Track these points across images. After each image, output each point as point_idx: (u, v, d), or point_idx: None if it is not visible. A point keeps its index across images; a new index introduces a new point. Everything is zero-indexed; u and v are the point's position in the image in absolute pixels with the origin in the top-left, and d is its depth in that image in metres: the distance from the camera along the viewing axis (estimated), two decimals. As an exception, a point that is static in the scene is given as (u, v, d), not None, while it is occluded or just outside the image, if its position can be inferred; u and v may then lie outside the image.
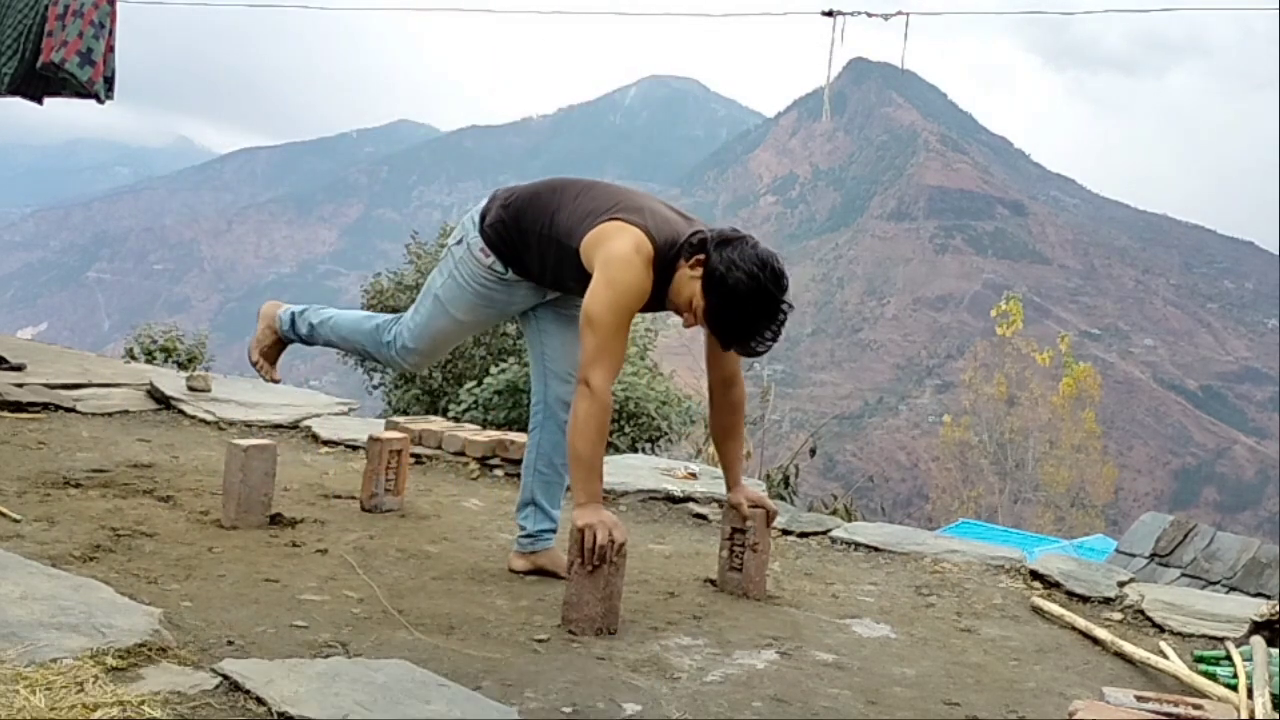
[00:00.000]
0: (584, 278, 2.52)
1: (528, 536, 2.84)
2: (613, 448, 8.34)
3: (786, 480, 8.70)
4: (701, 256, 2.47)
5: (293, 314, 3.10)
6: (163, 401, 4.81)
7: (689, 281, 2.50)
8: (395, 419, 4.75)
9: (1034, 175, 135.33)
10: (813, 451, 11.50)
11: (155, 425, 4.47)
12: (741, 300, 2.43)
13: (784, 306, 2.46)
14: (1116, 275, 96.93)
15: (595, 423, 2.41)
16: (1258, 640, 2.46)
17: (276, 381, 3.16)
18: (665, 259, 2.51)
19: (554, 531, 2.86)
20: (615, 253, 2.47)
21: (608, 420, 2.45)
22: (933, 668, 2.37)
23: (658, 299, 2.56)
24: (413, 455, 4.07)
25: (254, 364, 3.10)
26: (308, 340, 3.10)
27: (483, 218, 2.75)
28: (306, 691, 1.70)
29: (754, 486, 3.36)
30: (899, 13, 7.65)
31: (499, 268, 2.73)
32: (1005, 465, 29.14)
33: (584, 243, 2.53)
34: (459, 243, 2.80)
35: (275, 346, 3.14)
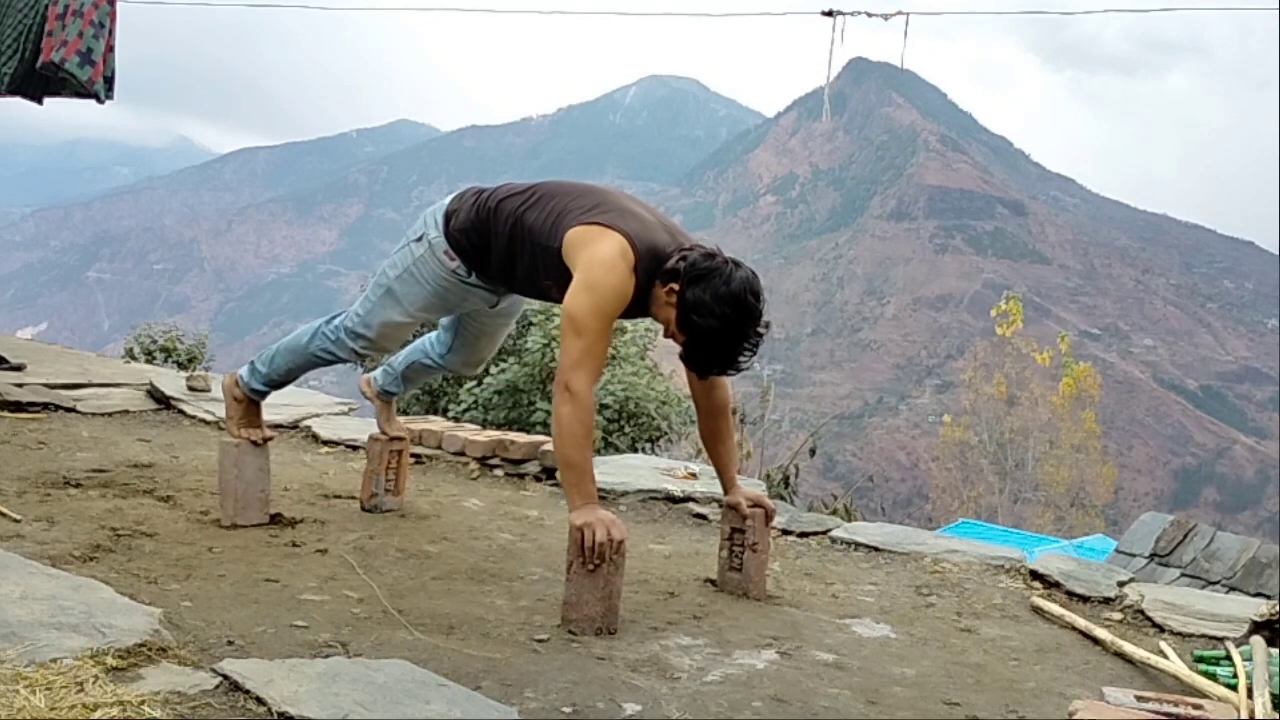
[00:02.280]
0: (563, 279, 2.51)
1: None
2: (613, 448, 8.35)
3: (786, 480, 8.71)
4: (675, 286, 2.46)
5: (250, 364, 3.10)
6: (163, 401, 4.81)
7: (665, 306, 2.51)
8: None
9: (1034, 175, 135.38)
10: (812, 451, 11.52)
11: (155, 425, 4.47)
12: (713, 340, 2.46)
13: (757, 332, 2.47)
14: (1116, 275, 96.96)
15: (580, 426, 2.40)
16: (1258, 640, 2.46)
17: (270, 438, 3.12)
18: (647, 266, 2.50)
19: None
20: (599, 256, 2.45)
21: (592, 422, 2.45)
22: (933, 668, 2.37)
23: (639, 304, 2.55)
24: (413, 455, 4.07)
25: (239, 438, 3.03)
26: (274, 381, 3.07)
27: (448, 219, 2.74)
28: (306, 691, 1.70)
29: (753, 487, 3.36)
30: (899, 13, 7.65)
31: (462, 271, 2.74)
32: (1005, 465, 29.13)
33: (565, 242, 2.51)
34: (419, 240, 2.78)
35: (249, 411, 3.10)
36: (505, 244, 2.65)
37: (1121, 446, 61.84)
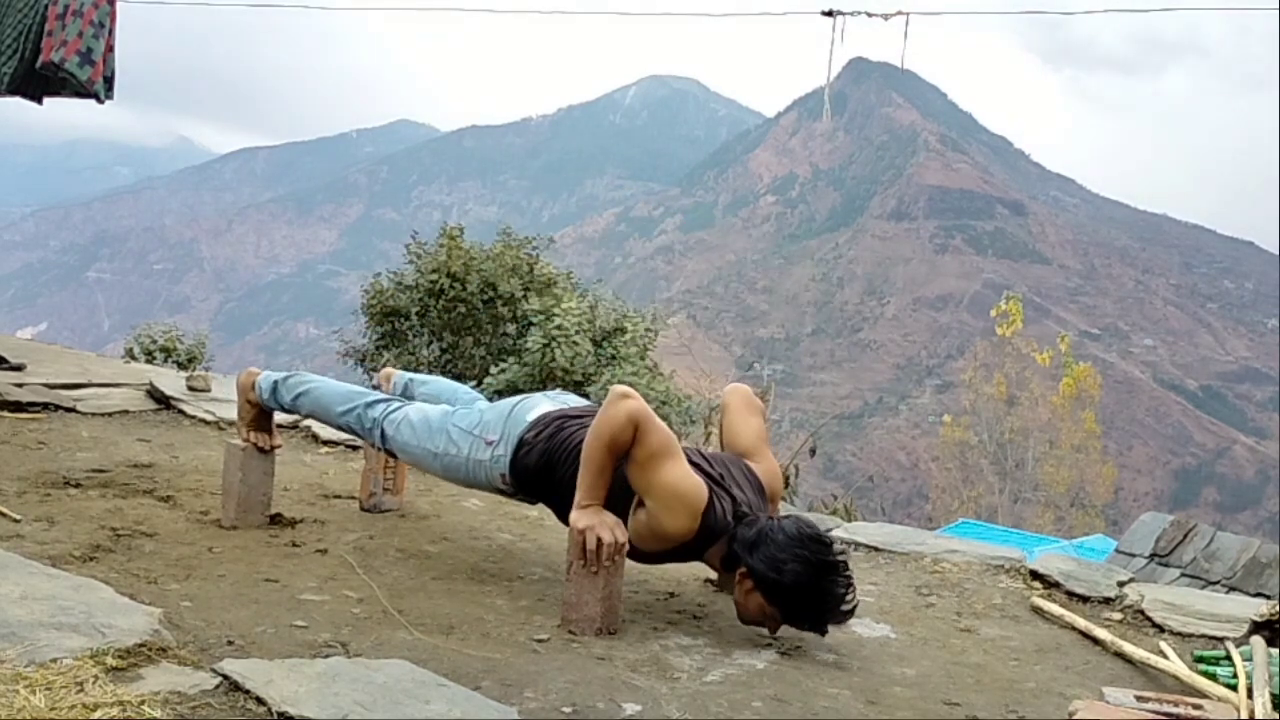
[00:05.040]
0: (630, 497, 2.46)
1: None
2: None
3: (786, 480, 8.69)
4: (743, 570, 2.39)
5: (275, 382, 3.04)
6: (163, 401, 4.81)
7: (748, 597, 2.40)
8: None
9: (1034, 175, 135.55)
10: (813, 451, 11.51)
11: (155, 425, 4.47)
12: (808, 589, 2.33)
13: (843, 565, 2.37)
14: (1116, 275, 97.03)
15: (625, 434, 2.35)
16: (1258, 640, 2.46)
17: (278, 447, 3.09)
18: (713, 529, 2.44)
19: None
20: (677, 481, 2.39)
21: (627, 440, 2.37)
22: (933, 668, 2.37)
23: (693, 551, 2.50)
24: (413, 455, 4.07)
25: (246, 442, 3.00)
26: (291, 412, 3.04)
27: (519, 447, 2.65)
28: (306, 691, 1.70)
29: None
30: (899, 13, 7.65)
31: (509, 490, 2.72)
32: (1005, 465, 29.13)
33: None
34: (489, 444, 2.70)
35: (260, 417, 3.06)
36: (569, 485, 2.54)
37: (1121, 446, 61.86)
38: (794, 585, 2.33)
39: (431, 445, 2.79)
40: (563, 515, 2.58)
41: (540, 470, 2.63)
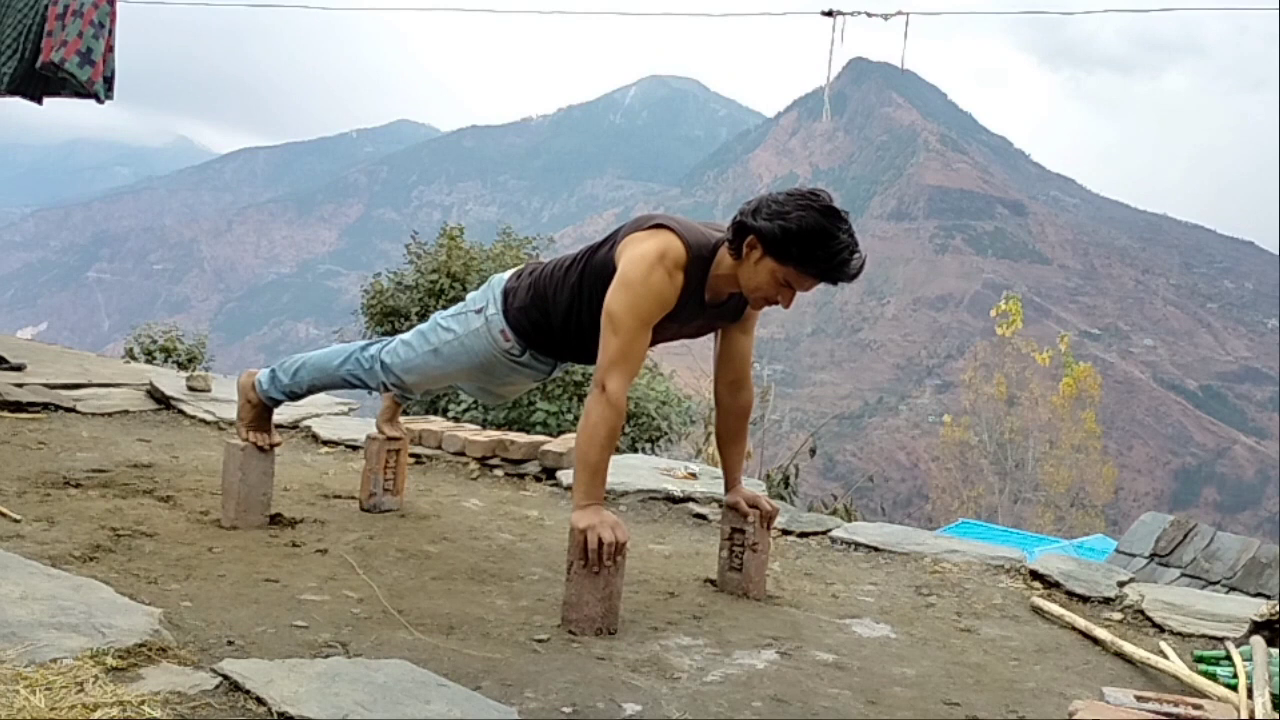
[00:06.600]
0: None
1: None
2: (613, 448, 8.31)
3: (786, 480, 8.69)
4: (750, 237, 2.41)
5: (271, 371, 3.06)
6: (163, 401, 4.81)
7: (757, 266, 2.43)
8: (395, 419, 4.74)
9: (1034, 175, 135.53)
10: (813, 451, 11.49)
11: (155, 425, 4.47)
12: (813, 229, 2.36)
13: (845, 214, 2.41)
14: (1116, 275, 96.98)
15: (608, 428, 2.38)
16: (1258, 640, 2.46)
17: (277, 445, 3.10)
18: (699, 260, 2.47)
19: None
20: (638, 253, 2.44)
21: (620, 426, 2.43)
22: (933, 668, 2.37)
23: (697, 307, 2.52)
24: (413, 455, 4.08)
25: (246, 442, 3.01)
26: (294, 393, 3.05)
27: (506, 296, 2.71)
28: (306, 691, 1.70)
29: (754, 487, 3.36)
30: (899, 13, 7.66)
31: (515, 351, 2.73)
32: (1005, 465, 29.15)
33: (616, 258, 2.50)
34: (478, 312, 2.75)
35: (260, 416, 3.08)
36: (566, 308, 2.61)
37: (1121, 446, 61.85)
38: (800, 228, 2.35)
39: (429, 346, 2.82)
40: (574, 337, 2.65)
41: (531, 304, 2.67)
